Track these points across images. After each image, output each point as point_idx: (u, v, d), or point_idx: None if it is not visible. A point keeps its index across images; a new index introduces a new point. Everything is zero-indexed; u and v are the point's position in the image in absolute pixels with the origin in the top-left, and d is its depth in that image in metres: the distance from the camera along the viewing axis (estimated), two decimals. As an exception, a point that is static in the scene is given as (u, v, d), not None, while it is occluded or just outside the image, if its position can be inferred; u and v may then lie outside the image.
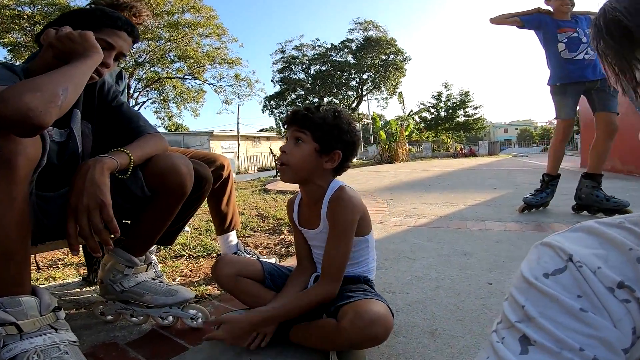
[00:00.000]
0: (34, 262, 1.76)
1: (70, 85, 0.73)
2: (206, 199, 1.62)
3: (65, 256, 2.01)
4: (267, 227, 2.61)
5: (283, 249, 2.03)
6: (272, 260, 1.74)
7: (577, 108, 2.76)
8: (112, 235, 0.84)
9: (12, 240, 0.71)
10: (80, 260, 1.92)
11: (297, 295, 0.92)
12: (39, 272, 1.73)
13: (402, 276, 1.47)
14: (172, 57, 16.19)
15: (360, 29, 23.74)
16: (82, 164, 0.84)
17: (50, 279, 1.67)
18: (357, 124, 1.06)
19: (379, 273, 1.46)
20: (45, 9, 11.76)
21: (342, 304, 0.83)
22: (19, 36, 11.56)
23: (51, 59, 0.84)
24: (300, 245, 1.06)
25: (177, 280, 1.59)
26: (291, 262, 1.77)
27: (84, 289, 1.51)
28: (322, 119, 0.90)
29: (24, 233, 0.74)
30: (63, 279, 1.66)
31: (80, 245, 0.96)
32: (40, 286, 1.55)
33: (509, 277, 1.41)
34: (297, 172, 0.92)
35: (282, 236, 2.33)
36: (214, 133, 25.00)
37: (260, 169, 19.92)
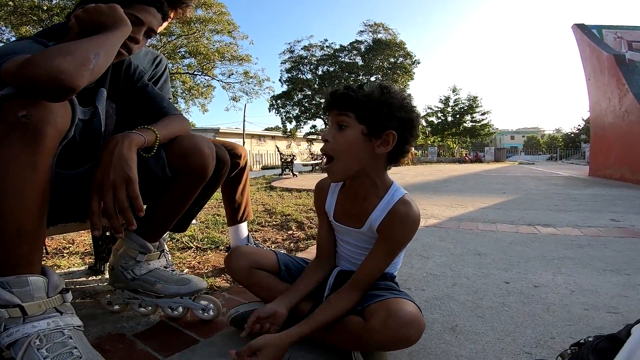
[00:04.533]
0: (43, 246, 1.75)
1: (102, 51, 0.70)
2: (220, 188, 1.60)
3: (70, 245, 1.99)
4: (274, 223, 2.58)
5: (292, 244, 1.99)
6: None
7: (588, 116, 2.71)
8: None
9: (30, 215, 0.67)
10: (86, 249, 1.90)
11: (328, 308, 0.83)
12: (43, 260, 1.70)
13: (417, 273, 1.44)
14: (183, 53, 16.22)
15: (370, 31, 23.70)
16: (109, 138, 0.82)
17: (56, 267, 1.64)
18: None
19: (392, 269, 1.43)
20: (64, 2, 11.76)
21: (370, 303, 0.78)
22: (34, 29, 11.57)
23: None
24: (324, 237, 0.97)
25: (185, 271, 1.57)
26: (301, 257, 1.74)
27: (90, 278, 1.48)
28: (366, 96, 0.77)
29: (42, 208, 0.70)
30: (68, 267, 1.64)
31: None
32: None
33: (526, 277, 1.37)
34: (347, 165, 0.79)
35: (290, 232, 2.30)
36: (220, 130, 25.13)
37: (264, 167, 19.93)
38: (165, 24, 1.43)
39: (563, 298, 1.16)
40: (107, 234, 1.44)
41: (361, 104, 0.77)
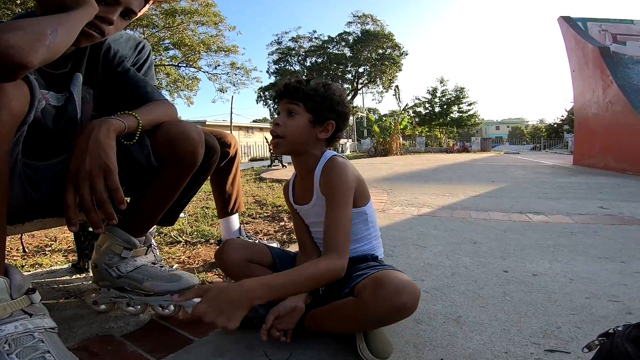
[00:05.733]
0: (21, 245, 1.65)
1: (61, 28, 0.64)
2: (209, 178, 1.53)
3: (52, 242, 1.90)
4: (265, 214, 2.53)
5: (285, 236, 1.95)
6: (274, 245, 1.66)
7: (571, 107, 2.72)
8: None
9: None
10: (69, 246, 1.81)
11: (302, 266, 0.81)
12: (24, 259, 1.62)
13: (414, 263, 1.41)
14: (167, 45, 15.77)
15: (359, 22, 23.53)
16: (85, 124, 0.75)
17: (37, 265, 1.56)
18: (351, 116, 1.08)
19: (389, 260, 1.40)
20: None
21: (357, 282, 0.77)
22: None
23: None
24: (300, 229, 1.01)
25: (174, 267, 1.50)
26: (294, 248, 1.69)
27: (73, 277, 1.41)
28: (314, 90, 0.89)
29: (0, 201, 0.64)
30: (51, 266, 1.56)
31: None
32: (26, 273, 1.46)
33: (523, 265, 1.37)
34: (292, 143, 0.89)
35: (282, 223, 2.25)
36: (207, 123, 24.68)
37: (252, 159, 19.76)
38: (147, 6, 1.33)
39: (563, 287, 1.15)
40: (90, 229, 1.37)
41: (309, 97, 0.88)
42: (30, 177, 0.75)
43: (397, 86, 21.66)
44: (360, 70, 23.80)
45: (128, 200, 0.99)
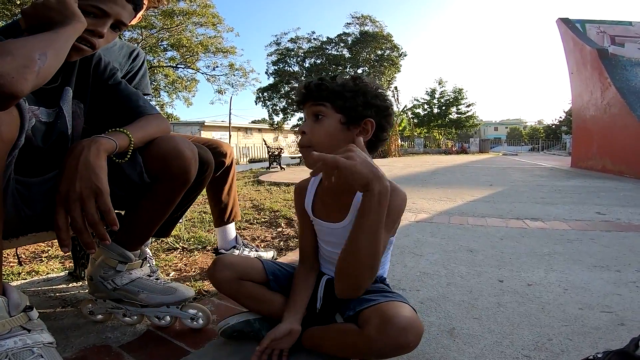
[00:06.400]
0: (16, 256, 1.65)
1: (50, 50, 0.63)
2: (205, 188, 1.53)
3: (49, 248, 1.90)
4: (263, 220, 2.53)
5: (282, 243, 1.95)
6: (271, 254, 1.67)
7: (569, 109, 2.73)
8: (109, 228, 0.74)
9: None
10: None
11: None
12: (21, 267, 1.61)
13: (410, 272, 1.42)
14: (165, 46, 15.80)
15: (357, 24, 23.57)
16: (75, 144, 0.74)
17: (33, 273, 1.56)
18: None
19: (385, 269, 1.41)
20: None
21: (362, 308, 0.75)
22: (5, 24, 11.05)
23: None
24: (308, 241, 0.94)
25: (171, 275, 1.51)
26: (291, 256, 1.70)
27: (70, 285, 1.41)
28: (341, 85, 0.78)
29: None
30: (47, 273, 1.56)
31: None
32: (22, 281, 1.46)
33: (518, 275, 1.37)
34: (324, 152, 0.78)
35: (279, 229, 2.26)
36: (205, 124, 24.72)
37: (251, 161, 19.77)
38: (139, 16, 1.33)
39: (557, 297, 1.16)
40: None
41: (337, 94, 0.77)
42: (23, 194, 0.75)
43: (395, 87, 21.73)
44: (359, 71, 23.81)
45: (122, 213, 0.99)
